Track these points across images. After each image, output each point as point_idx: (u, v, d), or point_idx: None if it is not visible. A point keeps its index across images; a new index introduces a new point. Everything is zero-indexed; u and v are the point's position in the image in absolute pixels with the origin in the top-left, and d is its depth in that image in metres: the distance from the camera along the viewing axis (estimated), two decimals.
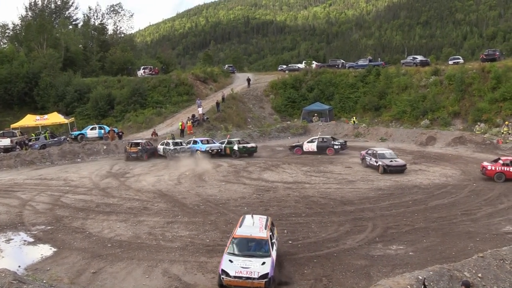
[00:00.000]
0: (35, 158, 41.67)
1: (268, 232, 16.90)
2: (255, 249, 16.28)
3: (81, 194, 29.92)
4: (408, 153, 41.91)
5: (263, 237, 16.52)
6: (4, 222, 24.13)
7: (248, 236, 16.66)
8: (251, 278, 15.03)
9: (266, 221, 17.93)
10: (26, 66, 65.55)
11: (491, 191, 28.06)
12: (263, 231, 16.90)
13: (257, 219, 18.15)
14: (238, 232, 16.98)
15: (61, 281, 16.87)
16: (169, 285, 16.47)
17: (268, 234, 16.73)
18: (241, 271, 15.17)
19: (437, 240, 20.40)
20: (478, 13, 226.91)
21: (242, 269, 15.23)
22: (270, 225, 17.81)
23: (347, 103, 61.68)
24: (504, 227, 21.77)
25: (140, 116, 57.45)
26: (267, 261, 15.57)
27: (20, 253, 20.12)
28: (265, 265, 15.38)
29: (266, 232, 16.78)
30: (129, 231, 22.50)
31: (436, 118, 51.57)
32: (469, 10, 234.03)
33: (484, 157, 38.25)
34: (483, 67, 53.70)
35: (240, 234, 16.82)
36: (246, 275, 15.05)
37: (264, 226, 17.28)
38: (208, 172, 36.12)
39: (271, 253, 16.04)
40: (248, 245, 16.49)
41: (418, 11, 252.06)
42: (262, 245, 16.31)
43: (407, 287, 13.55)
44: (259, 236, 16.60)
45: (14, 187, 31.98)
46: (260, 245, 16.36)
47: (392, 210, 24.99)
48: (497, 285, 14.79)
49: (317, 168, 36.46)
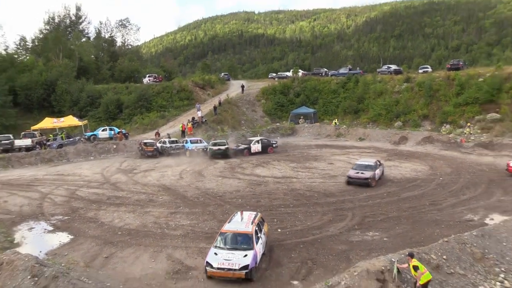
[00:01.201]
0: (53, 156, 41.59)
1: (254, 227, 16.76)
2: (241, 243, 16.13)
3: (94, 188, 29.93)
4: (383, 151, 42.16)
5: (248, 232, 16.40)
6: (27, 213, 24.18)
7: (234, 230, 16.65)
8: (232, 269, 15.02)
9: (254, 217, 17.85)
10: (44, 74, 65.20)
11: (455, 184, 28.33)
12: (249, 226, 16.81)
13: (247, 215, 18.13)
14: (226, 227, 17.09)
15: (77, 265, 16.92)
16: (172, 268, 16.61)
17: (253, 229, 16.59)
18: (223, 262, 15.17)
19: (408, 227, 20.63)
20: (444, 28, 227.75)
21: (224, 261, 15.23)
22: (258, 221, 17.67)
23: (330, 107, 61.90)
24: (465, 216, 22.02)
25: (146, 119, 57.48)
26: (249, 253, 15.51)
27: (41, 240, 20.21)
28: (246, 257, 15.35)
29: (252, 227, 16.65)
30: (136, 220, 22.58)
31: (408, 120, 51.93)
32: (437, 25, 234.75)
33: (449, 155, 38.65)
34: (448, 75, 54.10)
35: (227, 229, 16.89)
36: (227, 267, 15.05)
37: (251, 222, 17.22)
38: (202, 167, 36.29)
39: (255, 246, 15.89)
40: (234, 239, 16.33)
41: (392, 25, 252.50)
42: (246, 239, 16.15)
43: (382, 268, 13.75)
44: (244, 231, 16.50)
45: (35, 182, 31.89)
46: (245, 239, 16.19)
47: (369, 201, 25.18)
48: (459, 265, 15.04)
49: (303, 165, 36.60)
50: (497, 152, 38.76)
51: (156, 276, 16.07)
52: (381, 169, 30.01)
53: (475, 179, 29.51)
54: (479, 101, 47.55)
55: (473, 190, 26.71)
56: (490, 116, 45.37)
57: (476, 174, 30.90)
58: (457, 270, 14.80)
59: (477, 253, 15.67)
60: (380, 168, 30.15)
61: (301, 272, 16.15)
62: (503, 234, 17.06)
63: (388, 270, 13.67)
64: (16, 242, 19.82)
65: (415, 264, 13.01)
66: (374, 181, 28.23)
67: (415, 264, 13.01)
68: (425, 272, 12.89)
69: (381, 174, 29.95)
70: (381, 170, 30.17)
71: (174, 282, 15.57)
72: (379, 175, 29.50)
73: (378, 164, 30.06)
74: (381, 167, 30.34)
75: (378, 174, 29.10)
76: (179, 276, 15.99)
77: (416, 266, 12.96)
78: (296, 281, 15.52)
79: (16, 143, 44.43)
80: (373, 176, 28.19)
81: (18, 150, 43.64)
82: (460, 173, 31.52)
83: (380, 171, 29.72)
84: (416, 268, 12.93)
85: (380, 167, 30.11)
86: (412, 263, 13.12)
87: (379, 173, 29.49)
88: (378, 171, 29.37)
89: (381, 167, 30.29)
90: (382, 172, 30.41)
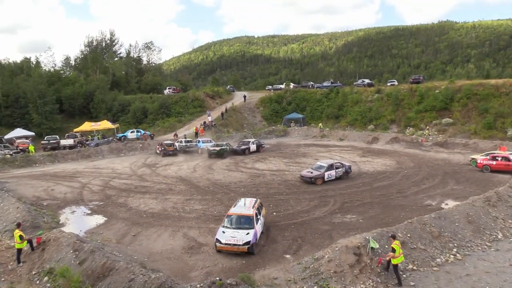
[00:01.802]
0: (91, 153, 41.49)
1: (254, 210, 16.93)
2: (243, 223, 16.26)
3: (124, 179, 29.85)
4: (359, 149, 42.03)
5: (250, 214, 16.59)
6: (69, 199, 24.13)
7: (238, 213, 16.81)
8: (237, 244, 15.27)
9: (254, 202, 17.99)
10: (84, 87, 65.24)
11: (417, 176, 28.23)
12: (250, 210, 16.97)
13: (248, 201, 18.25)
14: (231, 211, 17.26)
15: (110, 241, 16.91)
16: (187, 244, 16.59)
17: (254, 212, 16.77)
18: (230, 239, 15.44)
19: (379, 211, 20.57)
20: (407, 49, 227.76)
21: (230, 238, 15.49)
22: (258, 206, 17.79)
23: (316, 113, 61.69)
24: (425, 201, 21.97)
25: (166, 123, 57.37)
26: (250, 232, 15.72)
27: (81, 221, 20.18)
28: (248, 235, 15.56)
29: (253, 211, 16.83)
30: (158, 205, 22.52)
31: (379, 124, 51.78)
32: (401, 47, 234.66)
33: (412, 152, 38.57)
34: (411, 87, 53.88)
35: (233, 212, 17.07)
36: (233, 242, 15.31)
37: (252, 206, 17.37)
38: (209, 163, 36.20)
39: (255, 226, 16.10)
40: (238, 220, 16.45)
41: (365, 47, 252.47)
42: (248, 220, 16.34)
43: (358, 244, 13.72)
44: (246, 214, 16.68)
45: (76, 174, 31.84)
46: (247, 220, 16.37)
47: (347, 190, 25.10)
48: (421, 242, 15.00)
49: (294, 160, 36.44)
50: (450, 150, 38.70)
51: (174, 251, 16.04)
52: (342, 170, 27.63)
53: (433, 171, 29.42)
54: (436, 108, 47.47)
55: (432, 181, 26.62)
56: (445, 121, 45.33)
57: (433, 168, 30.81)
58: (419, 245, 14.76)
59: (435, 232, 15.62)
60: (342, 169, 27.65)
61: (293, 248, 16.11)
62: (455, 216, 17.00)
63: (363, 246, 13.66)
64: (61, 222, 19.84)
65: (393, 246, 12.87)
66: (319, 180, 26.43)
67: (393, 246, 12.88)
68: (399, 255, 12.76)
69: (342, 173, 27.56)
70: (342, 170, 27.62)
71: (189, 256, 15.53)
72: (333, 175, 27.06)
73: (338, 166, 27.66)
74: (343, 168, 27.82)
75: (330, 174, 26.90)
76: (193, 251, 15.96)
77: (393, 248, 12.82)
78: (288, 255, 15.47)
79: (62, 143, 44.72)
80: (318, 176, 26.48)
81: (63, 148, 43.76)
82: (421, 167, 31.42)
83: (338, 171, 27.32)
84: (393, 250, 12.80)
85: (342, 168, 27.73)
86: (392, 244, 12.99)
87: (333, 174, 27.05)
88: (332, 172, 27.07)
89: (343, 168, 27.76)
90: (346, 170, 27.90)
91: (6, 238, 17.20)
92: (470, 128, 42.51)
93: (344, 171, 28.00)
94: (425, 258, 14.24)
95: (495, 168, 28.36)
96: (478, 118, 43.15)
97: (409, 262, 13.92)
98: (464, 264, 14.15)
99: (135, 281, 11.74)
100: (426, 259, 14.21)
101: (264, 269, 14.03)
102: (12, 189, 26.03)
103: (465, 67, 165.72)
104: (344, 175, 27.93)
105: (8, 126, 54.99)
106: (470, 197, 19.75)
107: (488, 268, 13.80)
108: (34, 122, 55.40)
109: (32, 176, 31.33)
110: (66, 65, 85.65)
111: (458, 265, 14.08)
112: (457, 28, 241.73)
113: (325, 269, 12.87)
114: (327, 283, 12.38)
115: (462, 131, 42.92)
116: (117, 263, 12.80)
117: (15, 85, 60.47)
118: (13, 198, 21.84)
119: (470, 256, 14.84)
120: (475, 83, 48.70)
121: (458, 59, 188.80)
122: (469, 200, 18.97)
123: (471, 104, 45.28)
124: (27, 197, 24.03)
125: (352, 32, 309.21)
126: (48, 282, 13.10)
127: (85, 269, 13.04)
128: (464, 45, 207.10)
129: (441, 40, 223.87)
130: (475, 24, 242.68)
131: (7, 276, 13.99)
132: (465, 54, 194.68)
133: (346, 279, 12.56)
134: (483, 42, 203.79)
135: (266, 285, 12.23)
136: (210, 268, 14.42)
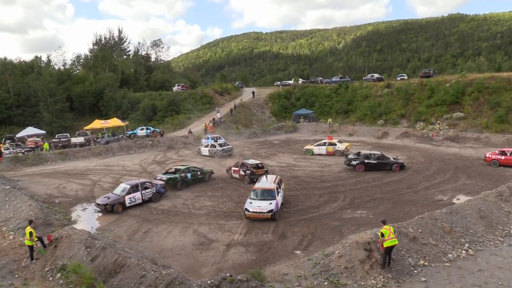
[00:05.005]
0: (101, 151, 41.73)
1: (275, 185, 20.19)
2: (266, 195, 19.38)
3: (134, 176, 29.88)
4: (369, 144, 41.69)
5: (271, 188, 19.82)
6: (81, 196, 24.35)
7: (262, 187, 20.09)
8: (262, 212, 18.42)
9: (275, 178, 21.33)
10: (94, 85, 65.73)
11: (428, 170, 27.97)
12: (272, 184, 20.30)
13: (270, 177, 21.77)
14: (256, 185, 20.60)
15: (121, 238, 17.03)
16: (198, 241, 16.63)
17: (275, 186, 20.04)
18: (256, 208, 18.62)
19: (390, 206, 20.43)
20: (417, 43, 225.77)
21: (257, 207, 18.67)
22: (278, 181, 21.12)
23: (325, 109, 61.34)
24: (436, 196, 21.76)
25: (175, 120, 57.48)
26: (273, 202, 18.85)
27: (92, 218, 20.36)
28: (271, 204, 18.68)
29: (274, 185, 20.10)
30: (168, 202, 22.63)
31: (389, 118, 51.35)
32: (411, 41, 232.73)
33: (423, 147, 38.22)
34: (421, 81, 53.33)
35: (257, 186, 20.36)
36: (259, 210, 18.49)
37: (273, 181, 20.70)
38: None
39: (276, 198, 19.21)
40: (262, 193, 19.59)
41: (374, 42, 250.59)
42: (270, 193, 19.49)
43: (368, 240, 13.64)
44: (268, 187, 19.96)
45: (87, 172, 32.10)
46: (269, 192, 19.54)
47: (357, 185, 24.98)
48: (432, 237, 14.85)
49: (303, 156, 36.39)
50: (461, 144, 38.23)
51: (184, 247, 16.10)
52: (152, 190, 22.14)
53: (444, 166, 29.11)
54: (446, 103, 46.90)
55: (443, 176, 26.35)
56: (455, 115, 44.80)
57: (445, 162, 30.48)
58: (430, 241, 14.61)
59: (446, 227, 15.46)
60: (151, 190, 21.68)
61: (303, 244, 16.07)
62: (467, 211, 16.80)
63: (373, 242, 13.57)
64: (73, 220, 20.01)
65: (382, 231, 12.94)
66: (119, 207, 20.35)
67: (382, 231, 12.95)
68: (388, 239, 12.77)
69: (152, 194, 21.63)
70: (151, 190, 22.16)
71: (199, 252, 15.58)
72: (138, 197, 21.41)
73: (148, 186, 21.91)
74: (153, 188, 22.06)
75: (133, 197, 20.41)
76: (203, 247, 16.00)
77: (382, 232, 12.89)
78: (299, 251, 15.43)
79: (72, 141, 45.07)
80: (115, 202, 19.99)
81: (74, 146, 44.09)
82: (432, 161, 31.11)
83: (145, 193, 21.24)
84: (382, 235, 12.87)
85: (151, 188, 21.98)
86: (381, 229, 13.05)
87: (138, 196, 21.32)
88: (137, 194, 21.31)
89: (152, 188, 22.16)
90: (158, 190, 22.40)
91: (19, 235, 17.45)
92: (482, 122, 41.98)
93: (156, 192, 22.96)
94: (437, 254, 14.09)
95: (503, 162, 28.03)
96: (490, 112, 42.58)
97: (420, 257, 13.78)
98: (476, 260, 13.98)
99: (146, 277, 11.82)
100: (438, 255, 14.06)
101: (274, 265, 14.04)
102: (25, 187, 26.32)
103: (476, 60, 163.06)
104: (155, 196, 22.85)
105: (20, 125, 55.77)
106: (482, 192, 19.47)
107: (501, 263, 13.62)
108: (45, 120, 56.07)
109: (43, 174, 31.67)
110: (76, 64, 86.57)
111: (470, 261, 13.91)
112: (467, 21, 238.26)
113: (335, 265, 12.83)
114: (337, 278, 12.35)
115: (474, 125, 42.40)
116: (128, 260, 12.90)
117: (26, 84, 61.26)
118: (26, 196, 22.03)
119: (482, 251, 14.65)
120: (487, 76, 47.94)
121: (469, 52, 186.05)
122: (481, 195, 18.71)
123: (483, 97, 44.68)
124: (39, 194, 24.31)
125: (361, 27, 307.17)
126: (61, 278, 13.26)
127: (97, 265, 13.17)
128: (475, 38, 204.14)
129: (452, 33, 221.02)
130: (486, 16, 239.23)
131: (21, 272, 14.21)
132: (476, 47, 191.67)
133: (357, 274, 12.51)
134: (494, 34, 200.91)
135: (276, 281, 12.23)
136: (220, 264, 14.45)
